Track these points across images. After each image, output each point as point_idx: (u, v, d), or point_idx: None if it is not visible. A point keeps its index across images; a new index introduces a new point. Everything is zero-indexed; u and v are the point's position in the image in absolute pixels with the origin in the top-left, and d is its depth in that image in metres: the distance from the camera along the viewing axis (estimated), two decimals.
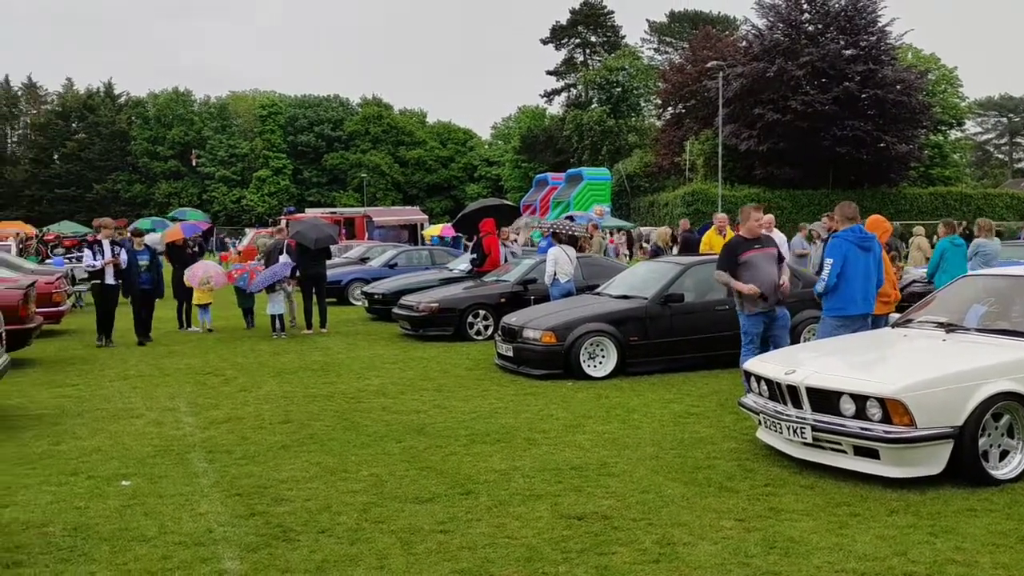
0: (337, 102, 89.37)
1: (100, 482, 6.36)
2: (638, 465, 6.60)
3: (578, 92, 76.50)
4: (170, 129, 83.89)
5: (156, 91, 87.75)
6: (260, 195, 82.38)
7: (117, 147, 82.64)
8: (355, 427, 8.07)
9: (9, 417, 8.67)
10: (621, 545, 4.94)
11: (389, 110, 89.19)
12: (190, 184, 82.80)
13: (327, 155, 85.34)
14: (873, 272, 8.06)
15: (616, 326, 10.46)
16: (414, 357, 12.44)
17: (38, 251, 31.56)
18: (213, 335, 15.29)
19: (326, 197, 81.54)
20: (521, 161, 76.48)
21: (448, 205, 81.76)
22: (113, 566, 4.75)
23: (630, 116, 72.26)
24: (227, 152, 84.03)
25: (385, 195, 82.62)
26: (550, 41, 79.10)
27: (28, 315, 11.42)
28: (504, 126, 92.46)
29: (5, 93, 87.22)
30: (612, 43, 79.34)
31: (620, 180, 57.14)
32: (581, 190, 44.75)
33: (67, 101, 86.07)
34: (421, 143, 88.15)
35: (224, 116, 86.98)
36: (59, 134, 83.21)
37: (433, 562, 4.75)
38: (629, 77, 71.55)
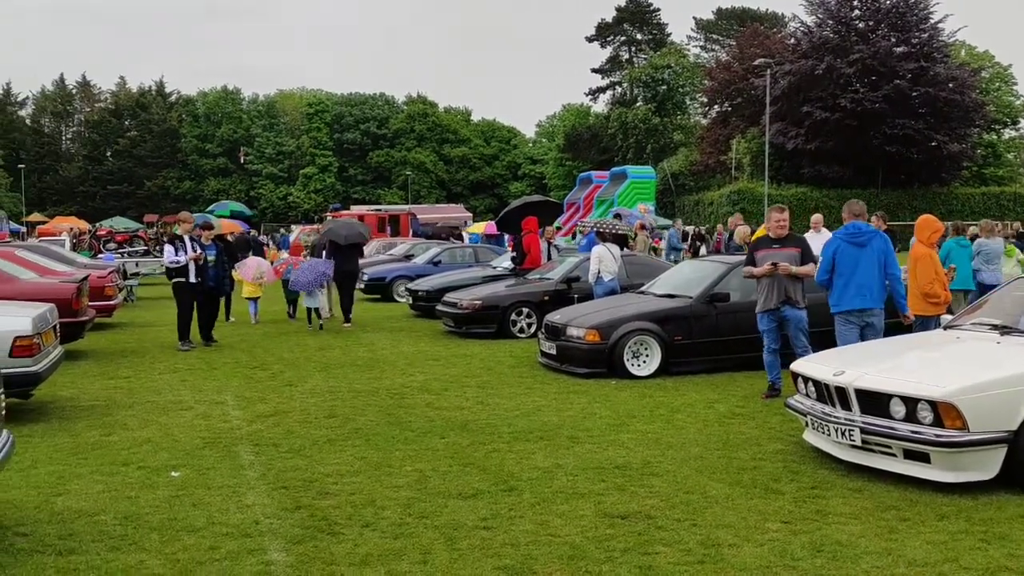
0: (383, 100, 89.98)
1: (150, 473, 6.48)
2: (682, 465, 6.55)
3: (623, 90, 76.13)
4: (219, 127, 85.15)
5: (206, 89, 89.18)
6: (306, 192, 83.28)
7: (168, 144, 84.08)
8: (399, 423, 8.12)
9: (63, 408, 8.86)
10: (665, 545, 4.91)
11: (434, 108, 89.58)
12: (238, 181, 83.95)
13: (372, 153, 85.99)
14: (868, 267, 8.23)
15: (660, 325, 10.39)
16: (457, 354, 12.48)
17: (91, 246, 32.24)
18: (260, 330, 15.48)
19: (371, 194, 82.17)
20: (565, 159, 76.33)
21: (491, 203, 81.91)
22: (163, 555, 4.84)
23: (675, 114, 71.77)
24: (274, 149, 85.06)
25: (429, 193, 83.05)
26: (595, 39, 78.77)
27: (81, 308, 11.66)
28: (548, 124, 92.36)
29: (60, 91, 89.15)
30: (658, 41, 78.81)
31: (665, 179, 56.77)
32: (625, 189, 44.45)
33: (120, 99, 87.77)
34: (465, 141, 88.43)
35: (272, 114, 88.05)
36: (112, 132, 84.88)
37: (476, 558, 4.76)
38: (675, 75, 71.02)
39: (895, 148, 44.10)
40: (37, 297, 10.25)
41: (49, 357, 8.40)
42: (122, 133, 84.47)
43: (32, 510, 5.62)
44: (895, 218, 36.67)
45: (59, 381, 9.95)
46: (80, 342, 12.28)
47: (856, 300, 8.27)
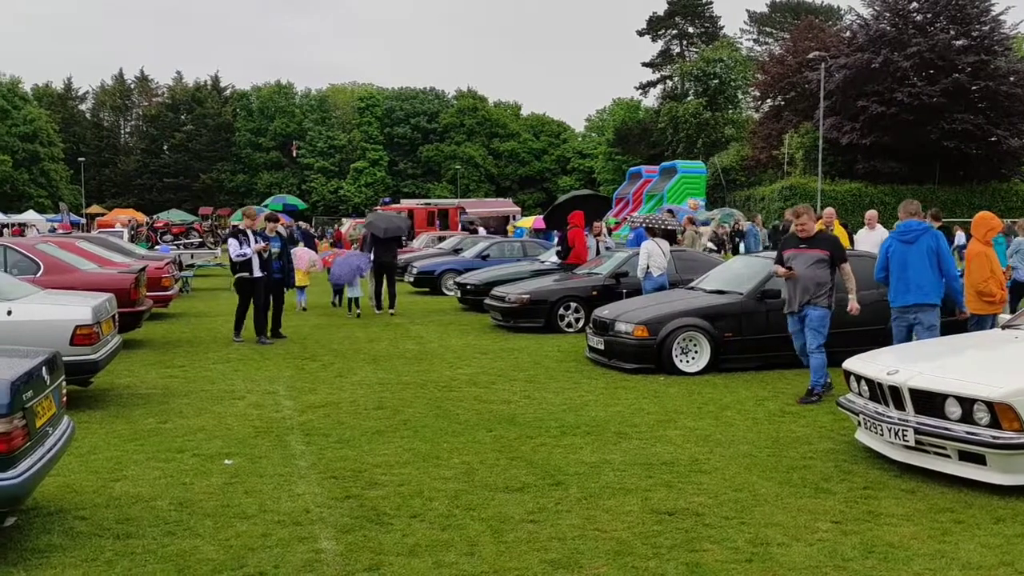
0: (433, 95, 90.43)
1: (204, 460, 6.62)
2: (731, 463, 6.51)
3: (674, 84, 75.48)
4: (272, 121, 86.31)
5: (259, 84, 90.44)
6: (357, 186, 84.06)
7: (222, 138, 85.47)
8: (447, 415, 8.18)
9: (121, 396, 9.08)
10: (713, 543, 4.88)
11: (484, 102, 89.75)
12: (290, 175, 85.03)
13: (422, 147, 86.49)
14: (917, 264, 8.37)
15: (710, 321, 10.31)
16: (505, 348, 12.52)
17: (148, 238, 32.93)
18: (311, 322, 15.68)
19: (420, 188, 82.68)
20: (615, 154, 75.94)
21: (540, 197, 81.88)
22: (216, 541, 4.94)
23: (727, 108, 70.95)
24: (326, 143, 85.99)
25: (478, 187, 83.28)
26: (646, 32, 78.21)
27: (139, 299, 11.92)
28: (598, 118, 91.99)
29: (119, 86, 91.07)
30: (710, 34, 77.99)
31: (715, 173, 56.21)
32: (675, 183, 44.12)
33: (176, 94, 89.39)
34: (515, 135, 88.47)
35: (324, 108, 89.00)
36: (168, 126, 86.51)
37: (523, 551, 4.78)
38: (727, 69, 70.18)
39: (953, 143, 43.09)
40: (97, 287, 10.50)
41: (108, 346, 8.62)
42: (178, 127, 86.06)
43: (91, 494, 5.78)
44: (952, 215, 35.93)
45: (117, 369, 10.20)
46: (137, 331, 12.54)
47: (904, 296, 8.48)
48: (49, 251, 12.13)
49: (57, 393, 5.30)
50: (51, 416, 5.07)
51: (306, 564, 4.62)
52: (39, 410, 4.82)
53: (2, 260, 11.42)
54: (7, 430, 4.35)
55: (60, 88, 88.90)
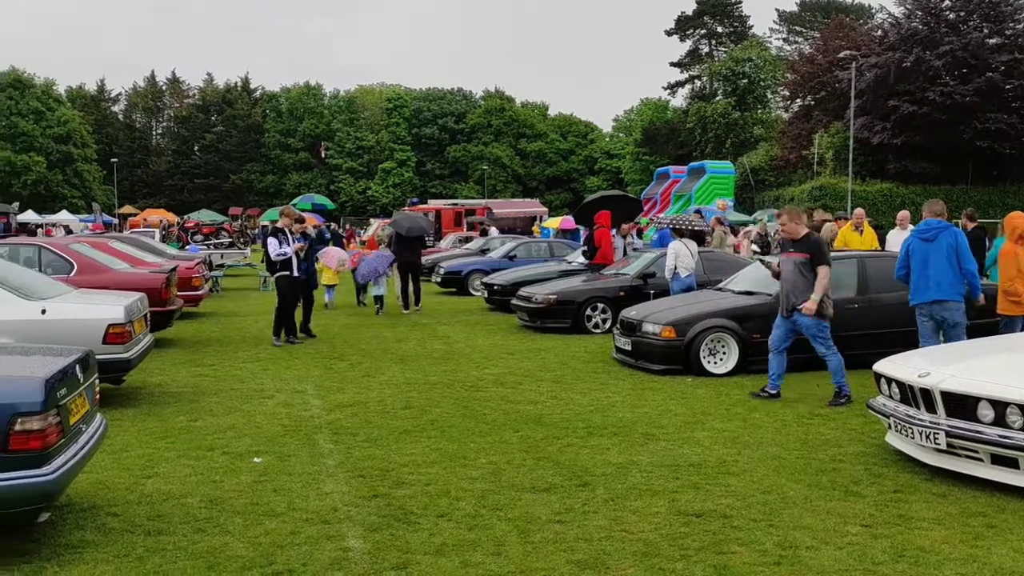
0: (460, 95, 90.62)
1: (234, 458, 6.68)
2: (759, 465, 6.47)
3: (702, 84, 75.07)
4: (301, 122, 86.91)
5: (288, 85, 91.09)
6: (385, 186, 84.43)
7: (252, 139, 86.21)
8: (474, 415, 8.20)
9: (152, 394, 9.19)
10: (740, 545, 4.86)
11: (511, 103, 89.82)
12: (319, 175, 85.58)
13: (450, 147, 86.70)
14: (937, 261, 8.51)
15: (739, 322, 10.25)
16: (532, 348, 12.52)
17: (179, 238, 33.27)
18: (339, 321, 15.77)
19: (448, 189, 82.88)
20: (642, 154, 75.65)
21: (567, 198, 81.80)
22: (246, 538, 4.99)
23: (756, 108, 70.43)
24: (354, 144, 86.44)
25: (505, 187, 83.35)
26: (675, 32, 77.89)
27: (170, 298, 12.06)
28: (626, 118, 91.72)
29: (151, 88, 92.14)
30: (739, 33, 77.50)
31: (744, 174, 55.84)
32: (703, 184, 43.86)
33: (207, 95, 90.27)
34: (542, 136, 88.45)
35: (352, 109, 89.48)
36: (199, 127, 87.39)
37: (549, 552, 4.78)
38: (756, 68, 69.68)
39: (986, 143, 42.47)
40: (129, 287, 10.64)
41: (140, 345, 8.72)
42: (209, 128, 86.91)
43: (123, 491, 5.86)
44: (985, 216, 35.32)
45: (149, 368, 10.32)
46: (168, 330, 12.69)
47: (925, 293, 8.65)
48: (82, 251, 12.30)
49: (90, 391, 5.37)
50: (84, 414, 5.14)
51: (334, 562, 4.65)
52: (73, 408, 4.89)
53: (36, 260, 11.60)
54: (41, 427, 4.42)
55: (93, 90, 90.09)
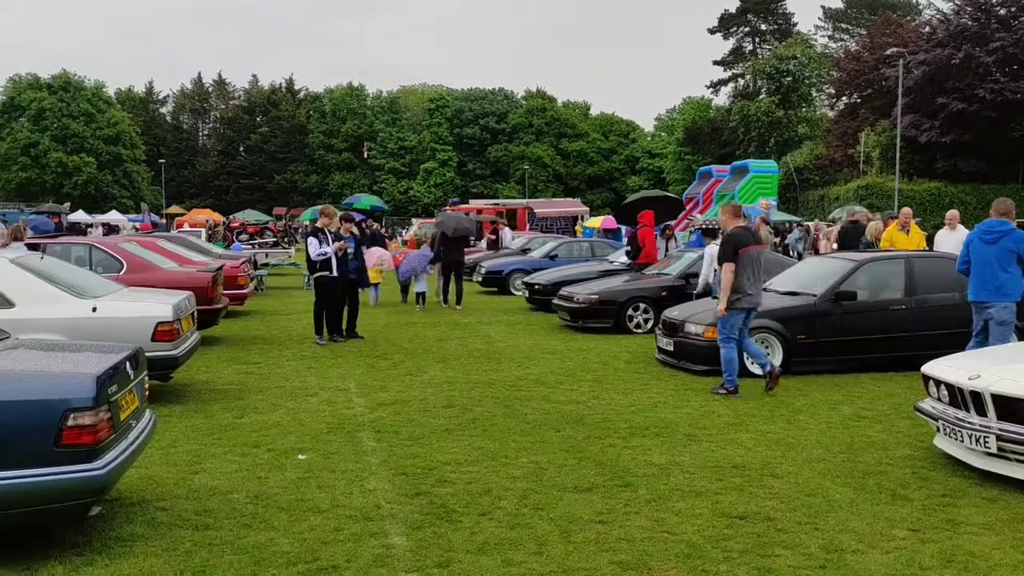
0: (502, 95, 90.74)
1: (279, 455, 6.76)
2: (804, 467, 6.40)
3: (746, 82, 74.38)
4: (344, 123, 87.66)
5: (332, 86, 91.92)
6: (426, 186, 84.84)
7: (296, 140, 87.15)
8: (515, 414, 8.21)
9: (199, 391, 9.34)
10: (785, 548, 4.81)
11: (552, 103, 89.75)
12: (361, 175, 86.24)
13: (491, 147, 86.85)
14: (994, 262, 8.53)
15: (783, 323, 10.15)
16: (573, 348, 12.51)
17: (224, 237, 33.75)
18: (381, 320, 15.87)
19: (489, 189, 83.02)
20: (684, 153, 75.17)
21: (608, 197, 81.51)
22: (291, 534, 5.05)
23: (800, 106, 69.58)
24: (396, 144, 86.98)
25: (546, 187, 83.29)
26: (718, 30, 77.30)
27: (216, 297, 12.22)
28: (668, 117, 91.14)
29: (198, 90, 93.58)
30: (783, 31, 76.66)
31: (788, 173, 55.18)
32: (746, 183, 43.40)
33: (252, 97, 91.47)
34: (583, 135, 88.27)
35: (394, 110, 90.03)
36: (245, 128, 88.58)
37: (591, 552, 4.78)
38: (800, 66, 68.82)
39: None
40: (177, 285, 10.81)
41: (187, 342, 8.87)
42: (254, 129, 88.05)
43: (171, 486, 5.96)
44: None
45: (195, 365, 10.47)
46: (214, 328, 12.86)
47: (979, 292, 8.70)
48: (132, 250, 12.53)
49: (140, 387, 5.48)
50: (134, 410, 5.24)
51: (377, 559, 4.69)
52: (123, 403, 4.98)
53: (88, 259, 11.84)
54: (93, 423, 4.51)
55: (142, 92, 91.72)
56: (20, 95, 74.92)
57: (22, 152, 72.95)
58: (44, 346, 5.62)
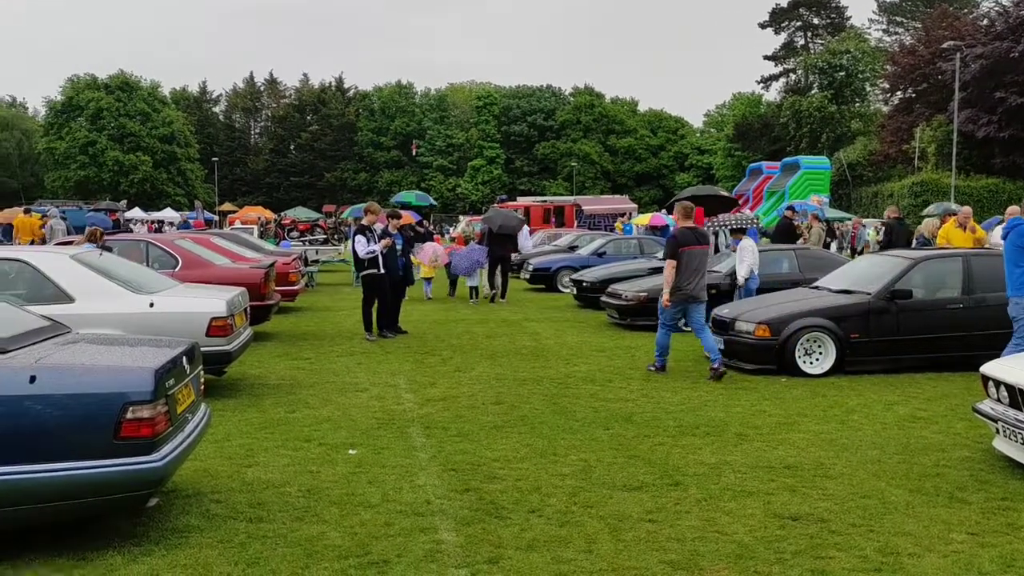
0: (549, 92, 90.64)
1: (330, 449, 6.84)
2: (858, 468, 6.29)
3: (797, 77, 73.34)
4: (393, 120, 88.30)
5: (381, 84, 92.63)
6: (474, 183, 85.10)
7: (345, 138, 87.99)
8: (564, 412, 8.20)
9: (252, 386, 9.48)
10: (839, 550, 4.74)
11: (600, 99, 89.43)
12: (410, 173, 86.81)
13: (538, 144, 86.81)
14: (1010, 258, 8.70)
15: (836, 322, 9.99)
16: (621, 346, 12.45)
17: (276, 234, 34.20)
18: (431, 316, 15.96)
19: (536, 186, 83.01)
20: (734, 149, 74.40)
21: (656, 194, 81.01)
22: (342, 528, 5.10)
23: (853, 101, 68.42)
24: (444, 142, 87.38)
25: (594, 184, 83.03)
26: (769, 25, 76.29)
27: (268, 293, 12.39)
28: (717, 113, 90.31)
29: (250, 89, 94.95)
30: (836, 25, 75.43)
31: (840, 169, 54.32)
32: (797, 179, 42.86)
33: (303, 95, 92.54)
34: (631, 132, 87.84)
35: (442, 107, 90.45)
36: (295, 126, 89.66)
37: (641, 550, 4.75)
38: (854, 60, 67.64)
39: None
40: (230, 281, 10.98)
41: (240, 338, 9.00)
42: (304, 127, 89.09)
43: (225, 479, 6.06)
44: None
45: (248, 361, 10.63)
46: (266, 324, 13.04)
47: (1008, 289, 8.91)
48: (187, 247, 12.75)
49: (196, 382, 5.58)
50: (190, 403, 5.34)
51: (427, 554, 4.72)
52: (180, 397, 5.08)
53: (144, 255, 12.07)
54: (151, 415, 4.60)
55: (196, 91, 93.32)
56: (79, 95, 76.73)
57: (80, 151, 74.75)
58: (103, 340, 5.74)
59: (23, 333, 5.11)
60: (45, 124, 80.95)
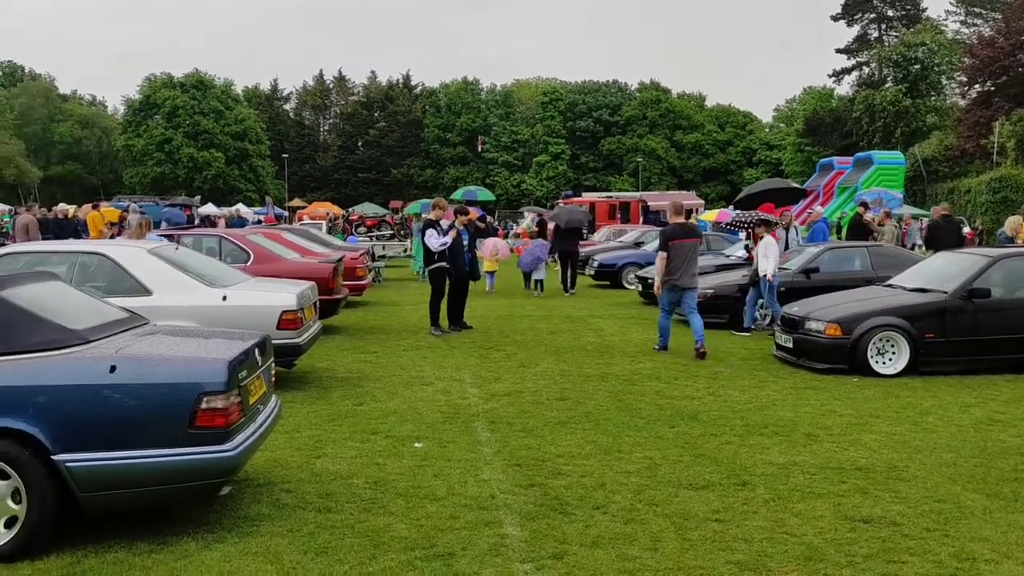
0: (615, 87, 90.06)
1: (396, 442, 6.92)
2: (932, 471, 6.13)
3: (871, 70, 71.53)
4: (459, 117, 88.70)
5: (447, 81, 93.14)
6: (539, 179, 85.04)
7: (412, 134, 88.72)
8: (629, 409, 8.16)
9: (320, 378, 9.64)
10: (912, 555, 4.63)
11: (667, 94, 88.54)
12: (475, 169, 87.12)
13: (604, 140, 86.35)
14: None
15: (910, 321, 9.74)
16: (687, 343, 12.29)
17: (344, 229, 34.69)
18: (495, 312, 16.01)
19: (601, 182, 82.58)
20: (804, 145, 72.97)
21: (724, 190, 79.93)
22: (408, 520, 5.16)
23: (929, 95, 66.50)
24: (510, 138, 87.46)
25: (660, 180, 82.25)
26: (841, 17, 74.58)
27: (337, 287, 12.58)
28: (787, 108, 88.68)
29: (319, 86, 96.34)
30: (911, 16, 73.37)
31: (915, 164, 52.88)
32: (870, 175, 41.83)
33: (371, 92, 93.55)
34: (699, 127, 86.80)
35: (508, 104, 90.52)
36: (363, 123, 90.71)
37: (708, 550, 4.71)
38: (930, 53, 65.68)
39: None
40: (299, 276, 11.15)
41: (310, 331, 9.16)
42: (372, 124, 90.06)
43: (295, 469, 6.18)
44: None
45: (317, 354, 10.80)
46: (334, 318, 13.24)
47: None
48: (258, 241, 13.01)
49: (267, 373, 5.69)
50: (262, 395, 5.45)
51: (492, 548, 4.74)
52: (252, 388, 5.19)
53: (218, 249, 12.36)
54: (225, 406, 4.71)
55: (267, 89, 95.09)
56: (155, 94, 78.86)
57: (157, 148, 76.81)
58: (178, 332, 5.89)
59: (104, 324, 5.28)
60: (124, 122, 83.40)
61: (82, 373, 4.65)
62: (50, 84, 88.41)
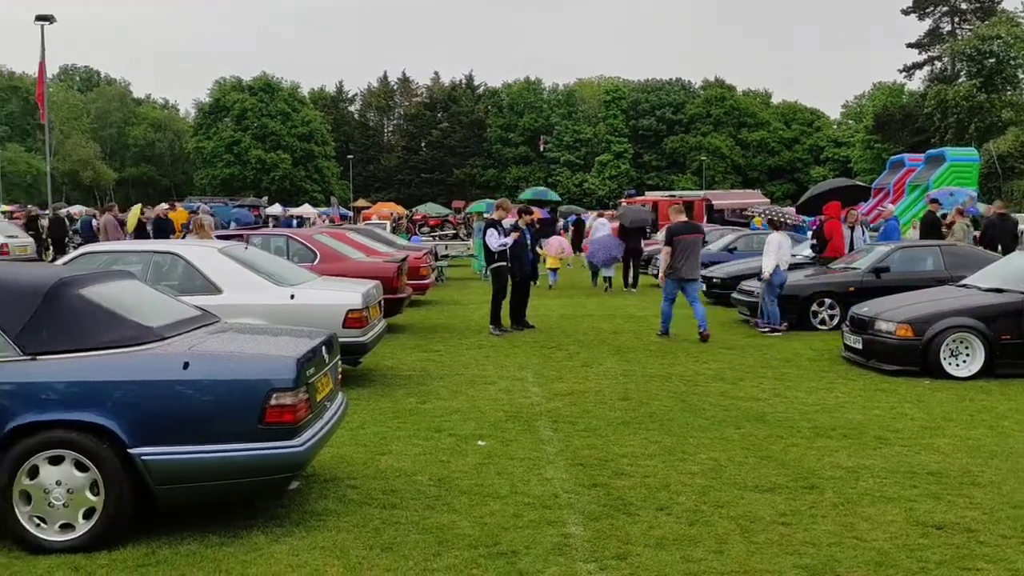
0: (679, 85, 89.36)
1: (459, 440, 6.97)
2: (1009, 477, 5.95)
3: (943, 65, 69.59)
4: (521, 117, 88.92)
5: (510, 81, 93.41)
6: (601, 179, 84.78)
7: (474, 135, 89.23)
8: (693, 409, 8.08)
9: (385, 376, 9.75)
10: (988, 562, 4.50)
11: (732, 92, 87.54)
12: (537, 169, 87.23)
13: (667, 139, 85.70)
14: None
15: (985, 322, 9.46)
16: (752, 344, 12.16)
17: (407, 229, 35.04)
18: (557, 311, 15.98)
19: (664, 180, 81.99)
20: (873, 142, 71.35)
21: (790, 188, 78.70)
22: (472, 517, 5.20)
23: (1005, 90, 64.42)
24: (572, 137, 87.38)
25: (724, 178, 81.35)
26: (912, 11, 72.65)
27: (400, 286, 12.71)
28: (856, 104, 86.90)
29: (383, 88, 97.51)
30: (986, 9, 71.12)
31: (990, 161, 51.30)
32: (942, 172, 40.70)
33: (434, 93, 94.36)
34: (764, 124, 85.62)
35: (570, 103, 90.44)
36: (426, 124, 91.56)
37: (774, 553, 4.65)
38: (1006, 46, 63.56)
39: None
40: (364, 275, 11.30)
41: (375, 330, 9.27)
42: (435, 125, 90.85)
43: (360, 466, 6.27)
44: None
45: (381, 352, 10.91)
46: (398, 317, 13.37)
47: None
48: (324, 241, 13.21)
49: (334, 371, 5.78)
50: (328, 392, 5.54)
51: (555, 547, 4.75)
52: (319, 386, 5.28)
53: (285, 249, 12.59)
54: (293, 402, 4.80)
55: (332, 91, 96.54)
56: (225, 97, 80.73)
57: (226, 150, 78.68)
58: (248, 330, 6.02)
59: (177, 322, 5.42)
60: (194, 125, 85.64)
61: (157, 369, 4.78)
62: (125, 88, 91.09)
